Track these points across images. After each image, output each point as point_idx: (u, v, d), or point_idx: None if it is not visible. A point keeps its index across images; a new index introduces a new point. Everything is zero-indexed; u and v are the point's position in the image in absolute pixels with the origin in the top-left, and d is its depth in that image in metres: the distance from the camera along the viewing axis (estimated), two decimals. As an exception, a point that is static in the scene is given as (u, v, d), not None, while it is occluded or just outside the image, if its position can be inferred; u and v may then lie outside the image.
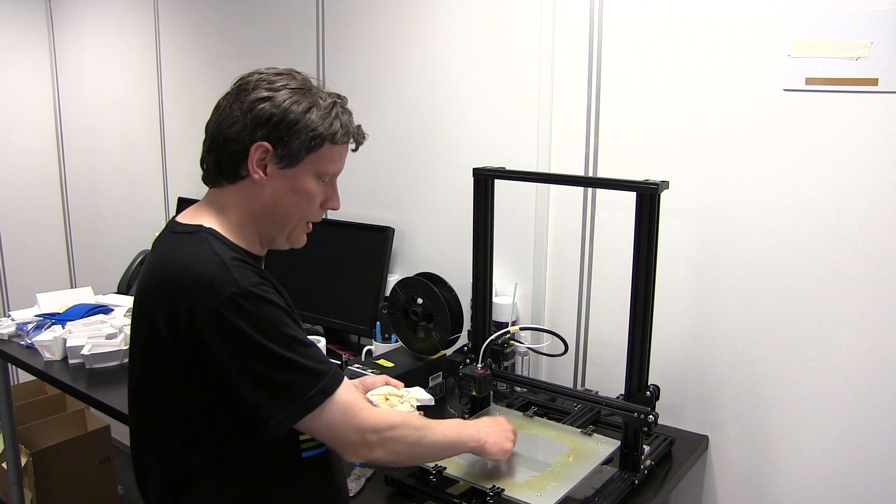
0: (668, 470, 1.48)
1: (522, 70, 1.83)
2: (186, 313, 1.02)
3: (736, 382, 1.61)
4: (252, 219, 1.14)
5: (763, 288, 1.54)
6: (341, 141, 1.14)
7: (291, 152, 1.09)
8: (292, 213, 1.15)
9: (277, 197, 1.12)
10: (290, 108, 1.08)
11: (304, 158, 1.10)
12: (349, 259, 2.15)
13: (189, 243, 1.09)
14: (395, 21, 2.08)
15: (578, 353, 1.85)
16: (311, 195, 1.14)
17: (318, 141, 1.10)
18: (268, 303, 1.04)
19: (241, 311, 1.01)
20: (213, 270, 1.03)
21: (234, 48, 2.58)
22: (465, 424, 1.31)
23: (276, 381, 1.03)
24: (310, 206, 1.15)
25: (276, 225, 1.15)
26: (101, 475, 2.90)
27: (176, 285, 1.04)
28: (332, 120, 1.11)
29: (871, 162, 1.39)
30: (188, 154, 2.89)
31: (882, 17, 1.33)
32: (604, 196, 1.75)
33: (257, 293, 1.03)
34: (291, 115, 1.08)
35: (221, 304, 1.00)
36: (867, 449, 1.46)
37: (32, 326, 2.21)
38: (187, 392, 1.07)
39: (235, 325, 1.01)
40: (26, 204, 3.48)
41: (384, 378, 1.46)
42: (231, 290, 1.01)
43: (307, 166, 1.12)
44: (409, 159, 2.11)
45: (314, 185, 1.13)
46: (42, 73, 3.47)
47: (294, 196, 1.13)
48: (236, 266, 1.04)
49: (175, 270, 1.05)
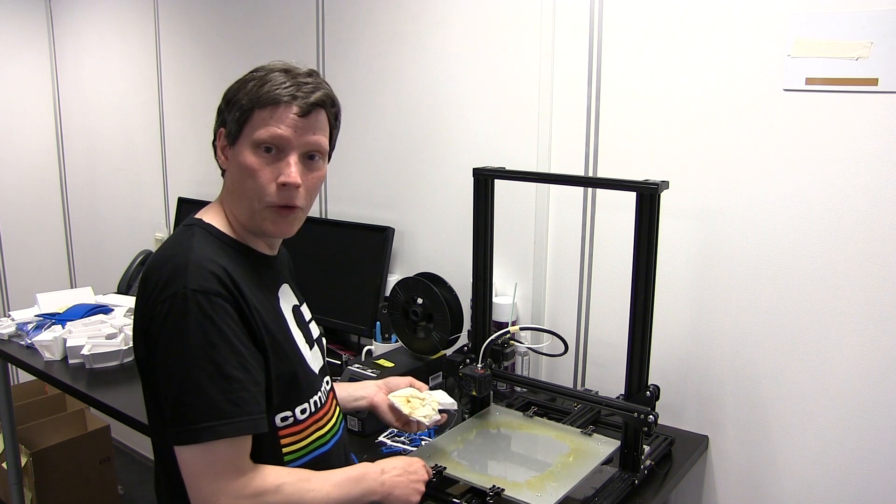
0: (668, 470, 1.48)
1: (522, 70, 1.83)
2: (144, 303, 1.04)
3: (736, 382, 1.61)
4: (230, 208, 1.14)
5: (763, 288, 1.54)
6: (267, 102, 1.06)
7: (231, 129, 1.10)
8: (246, 194, 1.09)
9: (233, 178, 1.12)
10: (230, 88, 1.11)
11: (242, 133, 1.08)
12: (349, 259, 2.15)
13: (178, 237, 1.11)
14: (395, 21, 2.08)
15: (578, 353, 1.85)
16: (250, 169, 1.07)
17: (244, 108, 1.07)
18: (204, 315, 0.99)
19: (173, 311, 0.99)
20: (174, 266, 1.03)
21: (234, 48, 2.58)
22: (365, 475, 1.16)
23: (173, 394, 1.00)
24: (255, 182, 1.07)
25: (241, 209, 1.11)
26: (101, 475, 2.90)
27: (146, 278, 1.06)
28: (262, 85, 1.07)
29: (871, 162, 1.39)
30: (188, 154, 2.89)
31: (882, 17, 1.34)
32: (604, 196, 1.75)
33: (199, 300, 0.99)
34: (230, 93, 1.11)
35: (165, 299, 1.00)
36: (867, 449, 1.46)
37: (32, 326, 2.21)
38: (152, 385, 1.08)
39: (164, 321, 1.00)
40: (26, 204, 3.48)
41: (408, 380, 1.46)
42: (177, 287, 1.00)
43: (244, 139, 1.08)
44: (409, 159, 2.11)
45: (252, 157, 1.07)
46: (42, 74, 3.47)
47: (240, 174, 1.09)
48: (198, 267, 1.02)
49: (151, 264, 1.07)
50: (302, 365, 1.16)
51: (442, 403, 1.40)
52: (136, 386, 1.91)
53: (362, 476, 1.15)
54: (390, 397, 1.39)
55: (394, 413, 1.39)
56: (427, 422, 1.36)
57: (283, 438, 1.11)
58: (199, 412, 0.98)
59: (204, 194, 2.77)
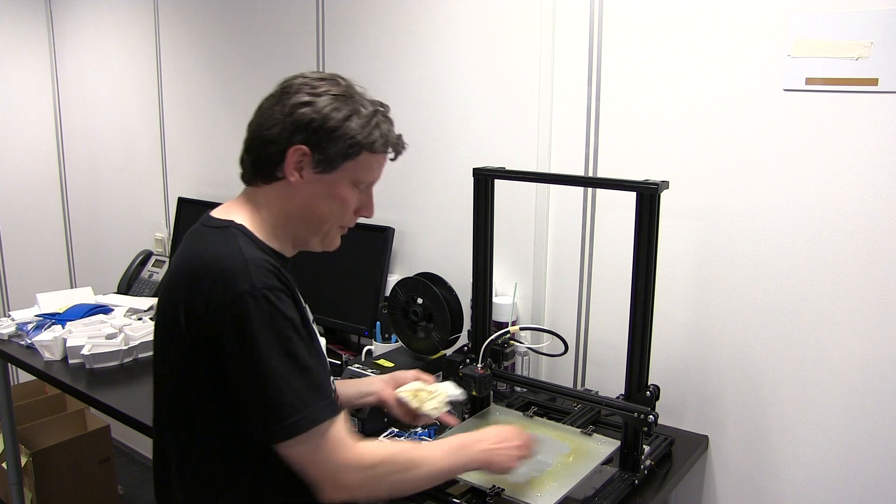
0: (668, 470, 1.48)
1: (522, 70, 1.83)
2: (203, 306, 1.03)
3: (736, 382, 1.61)
4: (285, 220, 1.15)
5: (763, 288, 1.54)
6: (379, 150, 1.15)
7: (329, 158, 1.10)
8: (326, 218, 1.15)
9: (312, 200, 1.13)
10: (330, 114, 1.09)
11: (341, 165, 1.11)
12: (349, 259, 2.15)
13: (218, 237, 1.10)
14: (396, 21, 2.08)
15: (578, 353, 1.85)
16: (345, 201, 1.15)
17: (355, 149, 1.11)
18: (277, 311, 1.03)
19: (249, 311, 1.01)
20: (233, 266, 1.04)
21: (235, 49, 2.58)
22: (464, 446, 1.21)
23: (264, 392, 1.02)
24: (343, 211, 1.16)
25: (309, 228, 1.16)
26: (101, 475, 2.90)
27: (199, 277, 1.05)
28: (372, 129, 1.12)
29: (871, 162, 1.39)
30: (188, 154, 2.89)
31: (882, 17, 1.33)
32: (604, 196, 1.75)
33: (269, 297, 1.02)
34: (331, 122, 1.09)
35: (234, 300, 1.01)
36: (867, 448, 1.46)
37: (32, 326, 2.21)
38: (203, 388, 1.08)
39: (240, 323, 1.01)
40: (26, 204, 3.48)
41: (415, 373, 1.45)
42: (244, 287, 1.02)
43: (344, 173, 1.12)
44: (410, 159, 2.08)
45: (350, 191, 1.14)
46: (42, 74, 3.46)
47: (329, 201, 1.14)
48: (257, 266, 1.04)
49: (200, 263, 1.07)
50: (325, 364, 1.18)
51: (451, 395, 1.39)
52: (136, 386, 1.93)
53: (462, 446, 1.21)
54: (398, 392, 1.38)
55: (402, 407, 1.39)
56: (436, 414, 1.36)
57: None
58: (293, 406, 1.02)
59: (204, 194, 2.77)
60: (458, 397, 1.41)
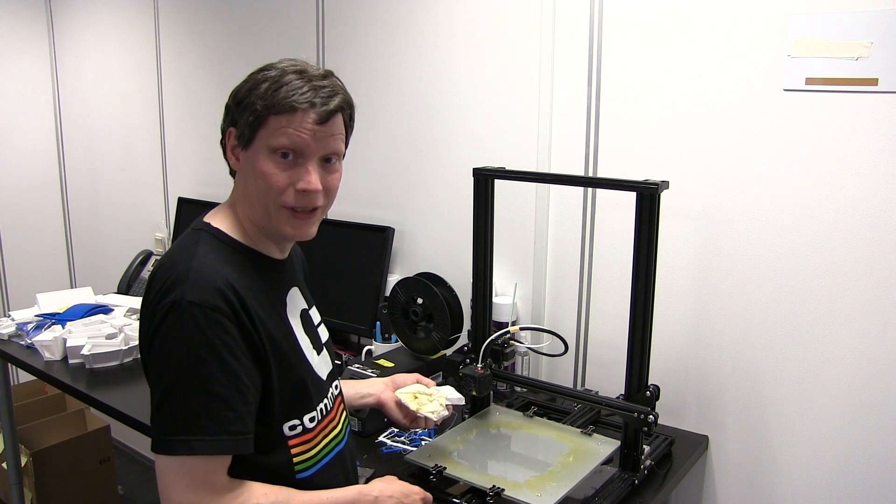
0: (668, 470, 1.48)
1: (522, 70, 1.83)
2: (144, 308, 1.04)
3: (736, 382, 1.61)
4: (243, 210, 1.12)
5: (763, 288, 1.54)
6: (285, 110, 1.03)
7: (243, 132, 1.07)
8: (259, 197, 1.07)
9: (247, 181, 1.09)
10: (241, 87, 1.08)
11: (256, 136, 1.06)
12: (349, 259, 2.15)
13: (185, 242, 1.09)
14: (396, 21, 2.08)
15: (578, 353, 1.85)
16: (265, 175, 1.05)
17: (258, 114, 1.04)
18: (197, 329, 0.97)
19: (166, 321, 0.98)
20: (175, 276, 1.01)
21: (234, 49, 2.58)
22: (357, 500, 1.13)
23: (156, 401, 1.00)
24: (271, 187, 1.05)
25: (255, 212, 1.09)
26: (101, 475, 2.90)
27: (151, 282, 1.05)
28: (275, 90, 1.04)
29: (871, 162, 1.39)
30: (188, 154, 2.89)
31: (882, 17, 1.33)
32: (604, 196, 1.75)
33: (193, 313, 0.97)
34: (240, 94, 1.07)
35: (159, 308, 0.99)
36: (867, 448, 1.46)
37: (32, 326, 2.21)
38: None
39: (157, 330, 0.99)
40: (26, 204, 3.48)
41: (415, 376, 1.45)
42: (173, 298, 0.98)
43: (260, 143, 1.05)
44: (409, 159, 2.11)
45: (269, 163, 1.05)
46: (42, 74, 3.47)
47: (255, 178, 1.06)
48: (200, 279, 1.00)
49: (157, 266, 1.06)
50: (309, 372, 1.14)
51: (449, 399, 1.39)
52: (136, 386, 1.93)
53: (354, 500, 1.12)
54: (397, 394, 1.38)
55: (401, 410, 1.39)
56: (435, 417, 1.35)
57: (293, 448, 1.10)
58: (176, 424, 0.97)
59: (204, 194, 2.77)
60: (457, 401, 1.41)
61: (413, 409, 1.36)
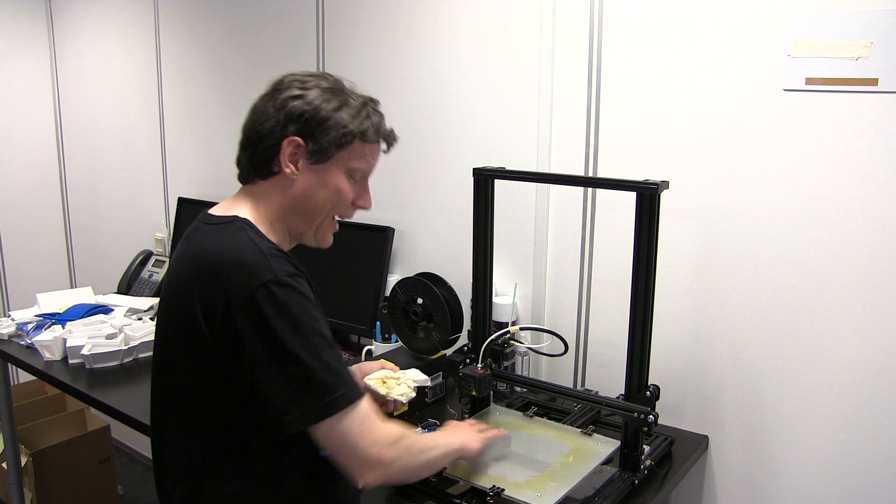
0: (668, 470, 1.48)
1: (522, 70, 1.83)
2: (224, 299, 1.04)
3: (736, 382, 1.61)
4: (283, 213, 1.17)
5: (763, 288, 1.54)
6: (371, 139, 1.17)
7: (322, 148, 1.12)
8: (321, 208, 1.17)
9: (308, 191, 1.15)
10: (321, 105, 1.12)
11: (335, 154, 1.14)
12: (349, 259, 2.15)
13: (225, 232, 1.11)
14: (396, 21, 2.08)
15: (578, 353, 1.85)
16: (340, 191, 1.16)
17: (348, 137, 1.13)
18: (300, 295, 1.05)
19: (275, 299, 1.02)
20: (250, 257, 1.05)
21: (234, 48, 2.58)
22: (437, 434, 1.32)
23: (297, 377, 1.03)
24: (338, 201, 1.17)
25: (304, 219, 1.18)
26: (101, 475, 2.90)
27: (215, 272, 1.05)
28: (363, 119, 1.15)
29: (871, 162, 1.39)
30: (188, 154, 2.89)
31: (882, 17, 1.33)
32: (604, 196, 1.75)
33: (292, 284, 1.04)
34: (322, 112, 1.12)
35: (256, 290, 1.02)
36: (867, 449, 1.46)
37: (32, 326, 2.21)
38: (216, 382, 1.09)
39: (267, 311, 1.02)
40: (26, 204, 3.48)
41: (380, 363, 1.48)
42: (266, 276, 1.03)
43: (338, 162, 1.15)
44: (409, 159, 2.11)
45: (344, 181, 1.16)
46: (42, 73, 3.47)
47: (323, 191, 1.15)
48: (273, 255, 1.07)
49: (214, 258, 1.07)
50: None
51: (416, 381, 1.42)
52: (136, 386, 1.93)
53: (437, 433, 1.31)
54: (366, 380, 1.40)
55: (371, 395, 1.40)
56: (404, 399, 1.38)
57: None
58: (327, 385, 1.03)
59: (204, 194, 2.77)
60: (423, 383, 1.44)
61: (383, 394, 1.37)
